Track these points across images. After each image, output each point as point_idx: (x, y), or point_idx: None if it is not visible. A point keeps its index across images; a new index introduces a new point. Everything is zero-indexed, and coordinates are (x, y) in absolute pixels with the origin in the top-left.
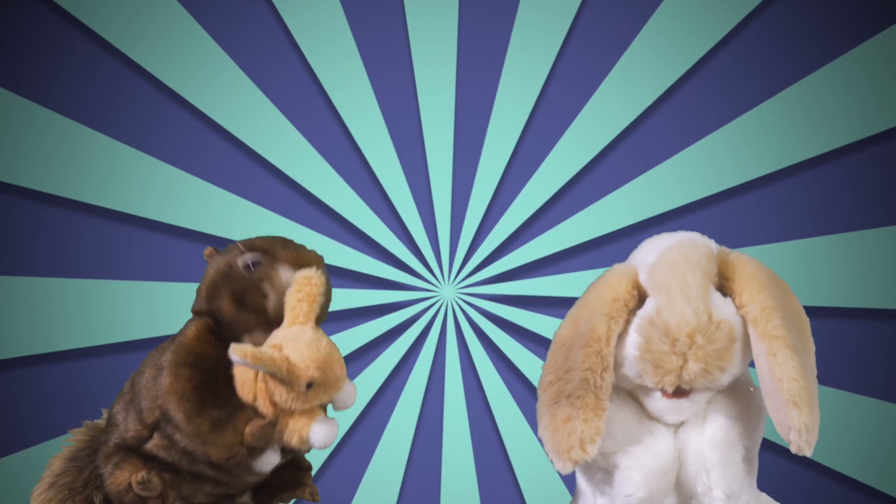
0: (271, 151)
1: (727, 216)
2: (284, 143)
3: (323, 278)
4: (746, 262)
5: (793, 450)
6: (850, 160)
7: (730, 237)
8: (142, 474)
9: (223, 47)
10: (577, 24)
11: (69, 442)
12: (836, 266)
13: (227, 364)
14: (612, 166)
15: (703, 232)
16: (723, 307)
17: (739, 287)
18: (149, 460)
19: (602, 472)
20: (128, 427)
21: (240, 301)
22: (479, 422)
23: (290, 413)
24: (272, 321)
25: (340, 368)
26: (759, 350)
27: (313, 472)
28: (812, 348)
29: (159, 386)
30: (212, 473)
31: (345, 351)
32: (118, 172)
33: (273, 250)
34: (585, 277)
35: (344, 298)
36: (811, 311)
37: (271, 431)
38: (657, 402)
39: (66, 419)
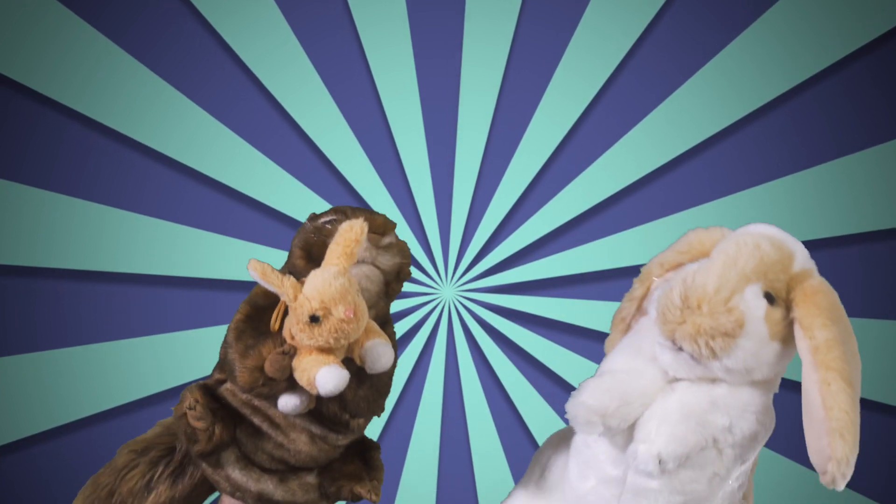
0: (304, 117)
1: None
2: (319, 111)
3: (364, 226)
4: (825, 293)
5: (825, 480)
6: (871, 248)
7: None
8: (191, 399)
9: (279, 5)
10: (630, 59)
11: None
12: None
13: (279, 301)
14: (635, 203)
15: None
16: (750, 304)
17: (810, 314)
18: (219, 405)
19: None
20: (213, 374)
21: (308, 254)
22: (451, 423)
23: (308, 351)
24: None
25: (348, 311)
26: (812, 378)
27: None
28: (859, 388)
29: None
30: (268, 430)
31: None
32: (149, 106)
33: (346, 211)
34: (588, 306)
35: None
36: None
37: (286, 361)
38: (661, 350)
39: (48, 336)
